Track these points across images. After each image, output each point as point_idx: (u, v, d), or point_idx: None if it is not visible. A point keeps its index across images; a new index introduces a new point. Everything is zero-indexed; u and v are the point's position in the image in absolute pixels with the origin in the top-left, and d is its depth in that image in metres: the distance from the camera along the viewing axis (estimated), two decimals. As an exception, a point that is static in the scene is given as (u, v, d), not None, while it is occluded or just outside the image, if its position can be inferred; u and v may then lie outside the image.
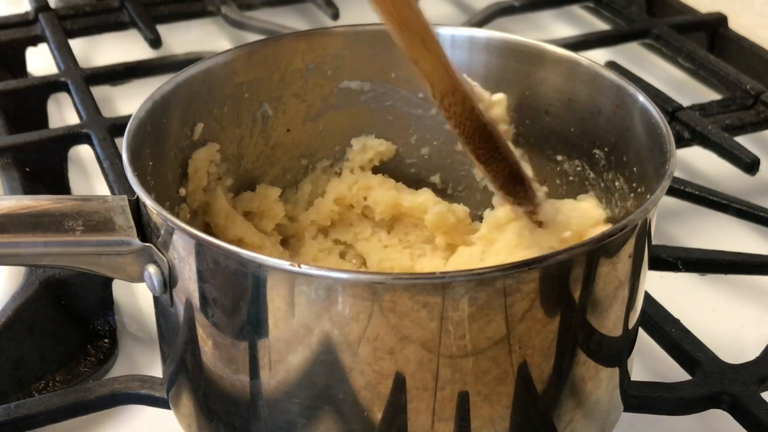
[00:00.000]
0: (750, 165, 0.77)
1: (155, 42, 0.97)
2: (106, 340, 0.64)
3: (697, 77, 0.95)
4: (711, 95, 0.92)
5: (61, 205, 0.47)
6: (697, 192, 0.74)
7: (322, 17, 1.04)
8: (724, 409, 0.56)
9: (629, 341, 0.51)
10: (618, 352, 0.50)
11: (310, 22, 1.07)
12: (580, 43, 0.93)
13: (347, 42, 0.60)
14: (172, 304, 0.48)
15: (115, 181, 0.73)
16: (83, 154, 0.83)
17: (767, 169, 0.80)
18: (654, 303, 0.62)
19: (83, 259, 0.48)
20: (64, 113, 0.92)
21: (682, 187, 0.74)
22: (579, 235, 0.54)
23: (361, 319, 0.42)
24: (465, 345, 0.43)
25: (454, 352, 0.43)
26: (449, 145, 0.63)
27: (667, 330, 0.60)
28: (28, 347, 0.61)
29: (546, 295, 0.43)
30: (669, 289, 0.66)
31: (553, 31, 1.06)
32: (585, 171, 0.58)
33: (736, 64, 0.93)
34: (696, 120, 0.81)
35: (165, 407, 0.55)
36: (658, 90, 0.86)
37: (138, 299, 0.68)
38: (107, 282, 0.64)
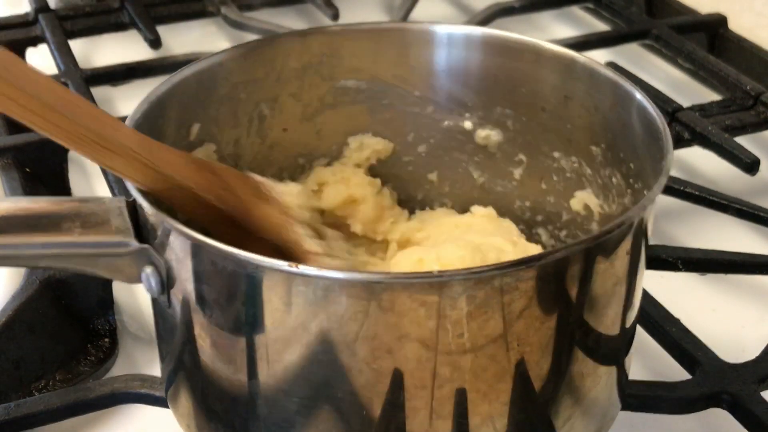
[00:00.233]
0: (750, 165, 0.77)
1: (155, 42, 0.97)
2: (106, 339, 0.64)
3: (697, 78, 0.95)
4: (711, 96, 0.92)
5: (59, 207, 0.47)
6: (697, 192, 0.74)
7: (322, 18, 1.04)
8: (724, 409, 0.56)
9: (627, 339, 0.51)
10: (616, 350, 0.50)
11: (309, 22, 1.07)
12: (579, 44, 0.93)
13: (343, 41, 0.60)
14: (170, 305, 0.48)
15: (115, 182, 0.73)
16: (83, 154, 0.83)
17: (767, 169, 0.80)
18: (654, 302, 0.62)
19: (81, 261, 0.48)
20: (64, 114, 0.91)
21: (682, 187, 0.74)
22: None
23: (359, 319, 0.42)
24: (463, 343, 0.43)
25: (452, 350, 0.43)
26: (447, 143, 0.63)
27: (667, 329, 0.60)
28: (28, 347, 0.61)
29: (543, 293, 0.43)
30: (669, 289, 0.65)
31: (553, 32, 1.06)
32: (582, 167, 0.58)
33: (736, 64, 0.93)
34: (696, 120, 0.81)
35: (165, 406, 0.55)
36: (658, 91, 0.86)
37: (138, 299, 0.68)
38: (107, 282, 0.64)
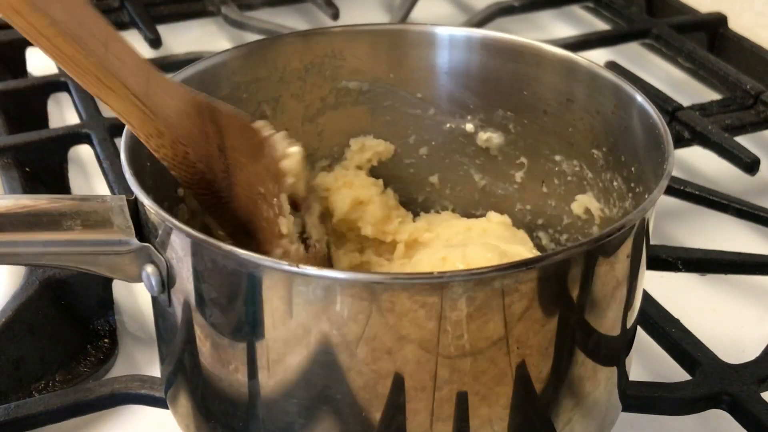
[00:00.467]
0: (750, 165, 0.77)
1: (155, 42, 0.97)
2: (106, 340, 0.64)
3: (697, 77, 0.95)
4: (711, 95, 0.92)
5: (60, 205, 0.47)
6: (697, 192, 0.74)
7: (322, 17, 1.04)
8: (723, 409, 0.56)
9: (627, 341, 0.51)
10: (616, 351, 0.50)
11: (310, 22, 1.07)
12: (580, 43, 0.93)
13: (345, 42, 0.60)
14: (170, 304, 0.48)
15: (115, 181, 0.73)
16: (83, 154, 0.83)
17: (767, 169, 0.80)
18: (654, 303, 0.62)
19: (81, 259, 0.48)
20: (64, 113, 0.92)
21: (682, 187, 0.74)
22: None
23: (359, 320, 0.42)
24: (463, 345, 0.43)
25: (452, 352, 0.43)
26: (448, 146, 0.63)
27: (667, 330, 0.60)
28: (28, 347, 0.61)
29: (544, 295, 0.43)
30: (669, 289, 0.65)
31: (553, 31, 1.06)
32: (583, 171, 0.58)
33: (736, 64, 0.93)
34: (696, 120, 0.81)
35: (165, 407, 0.55)
36: (658, 90, 0.86)
37: (138, 299, 0.68)
38: (107, 282, 0.64)
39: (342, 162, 0.63)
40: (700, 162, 0.83)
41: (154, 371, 0.59)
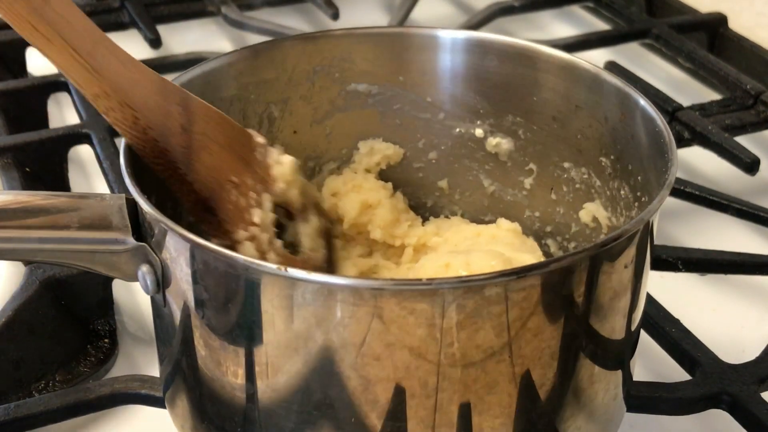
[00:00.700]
0: (750, 165, 0.77)
1: (155, 42, 0.97)
2: (106, 340, 0.64)
3: (697, 77, 0.95)
4: (711, 95, 0.92)
5: (57, 202, 0.47)
6: (697, 192, 0.74)
7: (322, 17, 1.04)
8: (724, 409, 0.56)
9: (631, 344, 0.50)
10: (620, 355, 0.49)
11: (310, 22, 1.07)
12: (580, 43, 0.93)
13: (354, 44, 0.59)
14: (165, 304, 0.48)
15: (115, 181, 0.73)
16: (83, 154, 0.83)
17: (767, 169, 0.80)
18: (654, 303, 0.62)
19: (77, 256, 0.47)
20: (64, 113, 0.92)
21: (682, 187, 0.74)
22: None
23: (347, 324, 0.41)
24: (458, 353, 0.42)
25: (451, 359, 0.42)
26: (457, 150, 0.62)
27: (667, 330, 0.60)
28: (28, 347, 0.61)
29: (538, 303, 0.42)
30: (669, 289, 0.65)
31: (553, 31, 1.06)
32: (591, 179, 0.57)
33: (736, 64, 0.93)
34: (696, 120, 0.81)
35: (164, 407, 0.54)
36: (658, 90, 0.86)
37: (138, 299, 0.68)
38: (107, 282, 0.64)
39: (350, 165, 0.63)
40: (700, 162, 0.83)
41: (153, 371, 0.59)
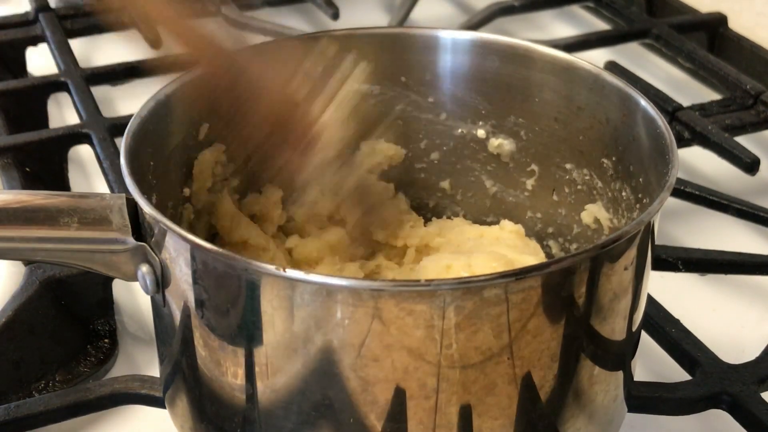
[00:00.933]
0: (750, 165, 0.77)
1: (155, 42, 0.97)
2: (106, 340, 0.64)
3: (697, 77, 0.95)
4: (711, 95, 0.92)
5: (57, 201, 0.47)
6: (697, 192, 0.74)
7: (322, 17, 1.04)
8: (724, 409, 0.56)
9: (632, 345, 0.50)
10: (621, 356, 0.49)
11: (310, 22, 1.07)
12: (580, 43, 0.93)
13: (357, 44, 0.59)
14: (164, 304, 0.48)
15: (115, 181, 0.73)
16: (83, 154, 0.83)
17: (767, 169, 0.80)
18: (654, 303, 0.62)
19: (77, 256, 0.48)
20: (64, 113, 0.92)
21: (682, 187, 0.74)
22: None
23: (345, 324, 0.41)
24: (466, 353, 0.42)
25: (453, 360, 0.42)
26: (459, 151, 0.62)
27: (667, 330, 0.60)
28: (28, 347, 0.61)
29: (546, 304, 0.42)
30: (669, 289, 0.65)
31: (553, 31, 1.06)
32: (593, 180, 0.57)
33: (736, 64, 0.93)
34: (696, 120, 0.81)
35: (165, 407, 0.55)
36: (658, 90, 0.86)
37: (138, 299, 0.68)
38: (107, 282, 0.64)
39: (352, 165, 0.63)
40: (700, 162, 0.83)
41: (154, 371, 0.58)
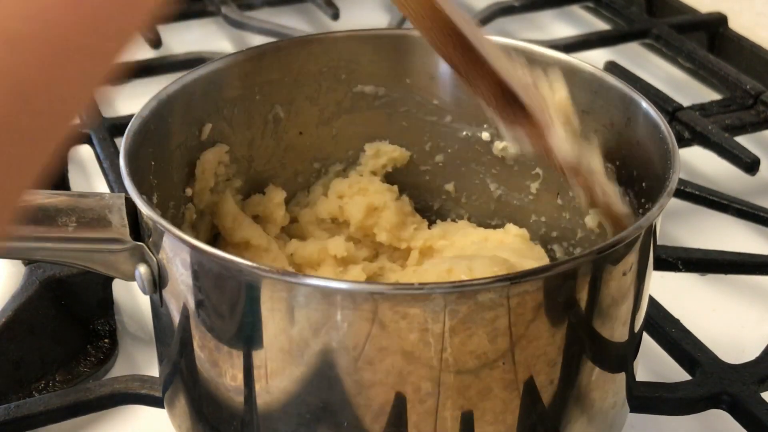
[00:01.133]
0: (750, 165, 0.77)
1: (155, 42, 0.97)
2: (106, 340, 0.64)
3: (697, 77, 0.95)
4: (711, 95, 0.92)
5: (56, 200, 0.48)
6: (697, 192, 0.74)
7: (322, 17, 1.04)
8: (724, 409, 0.56)
9: (633, 347, 0.50)
10: (623, 358, 0.49)
11: (310, 22, 1.07)
12: (580, 43, 0.93)
13: (362, 46, 0.59)
14: (162, 304, 0.48)
15: (115, 181, 0.73)
16: (83, 154, 0.83)
17: (767, 169, 0.80)
18: (654, 303, 0.62)
19: (76, 255, 0.48)
20: (64, 113, 0.91)
21: (682, 187, 0.74)
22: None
23: (344, 327, 0.41)
24: (462, 357, 0.42)
25: (449, 364, 0.42)
26: (464, 153, 0.62)
27: (668, 330, 0.60)
28: (28, 347, 0.61)
29: (543, 308, 0.42)
30: (669, 289, 0.65)
31: (553, 31, 1.06)
32: None
33: (736, 64, 0.93)
34: (696, 120, 0.81)
35: (164, 407, 0.55)
36: (658, 90, 0.86)
37: (138, 299, 0.68)
38: (107, 282, 0.64)
39: (356, 167, 0.63)
40: (700, 162, 0.83)
41: (153, 371, 0.58)
